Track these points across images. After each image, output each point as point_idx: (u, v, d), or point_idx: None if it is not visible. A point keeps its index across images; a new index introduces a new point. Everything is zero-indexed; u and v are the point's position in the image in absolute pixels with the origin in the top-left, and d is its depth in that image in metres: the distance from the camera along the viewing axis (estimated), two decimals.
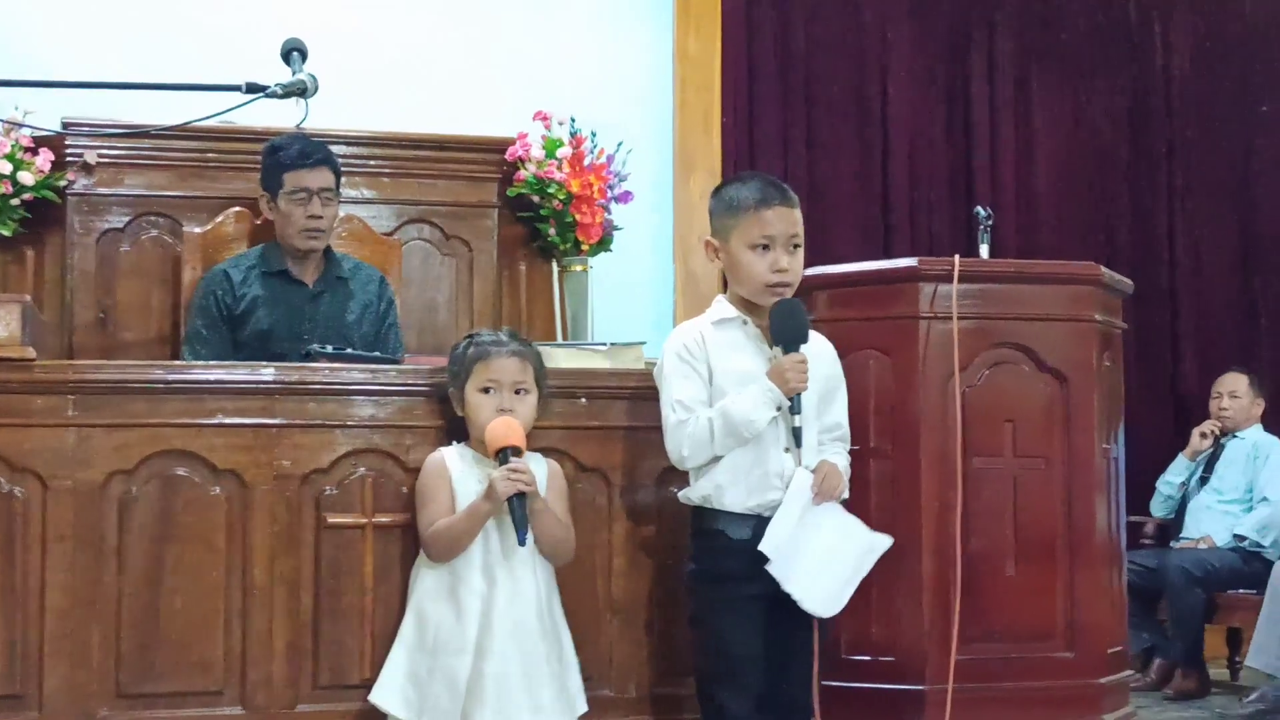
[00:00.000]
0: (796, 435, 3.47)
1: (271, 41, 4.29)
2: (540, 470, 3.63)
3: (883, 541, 3.62)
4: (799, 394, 3.46)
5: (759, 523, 3.47)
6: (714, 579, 3.55)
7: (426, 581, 3.57)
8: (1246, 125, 7.94)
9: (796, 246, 3.57)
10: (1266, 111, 7.94)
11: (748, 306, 3.61)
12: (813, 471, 3.52)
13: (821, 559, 3.48)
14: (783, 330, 3.52)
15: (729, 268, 3.62)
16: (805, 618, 3.48)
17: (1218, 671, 6.81)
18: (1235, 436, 7.08)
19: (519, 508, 3.44)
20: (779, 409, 3.47)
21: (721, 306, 3.64)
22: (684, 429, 3.51)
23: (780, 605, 3.49)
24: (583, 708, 3.62)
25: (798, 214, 3.58)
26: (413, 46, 6.53)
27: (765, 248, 3.54)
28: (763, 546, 3.43)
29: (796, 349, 3.49)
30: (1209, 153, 7.87)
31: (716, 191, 3.68)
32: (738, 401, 3.46)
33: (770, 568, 3.43)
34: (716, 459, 3.52)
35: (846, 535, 3.56)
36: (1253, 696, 6.02)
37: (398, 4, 6.58)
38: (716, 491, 3.52)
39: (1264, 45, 7.96)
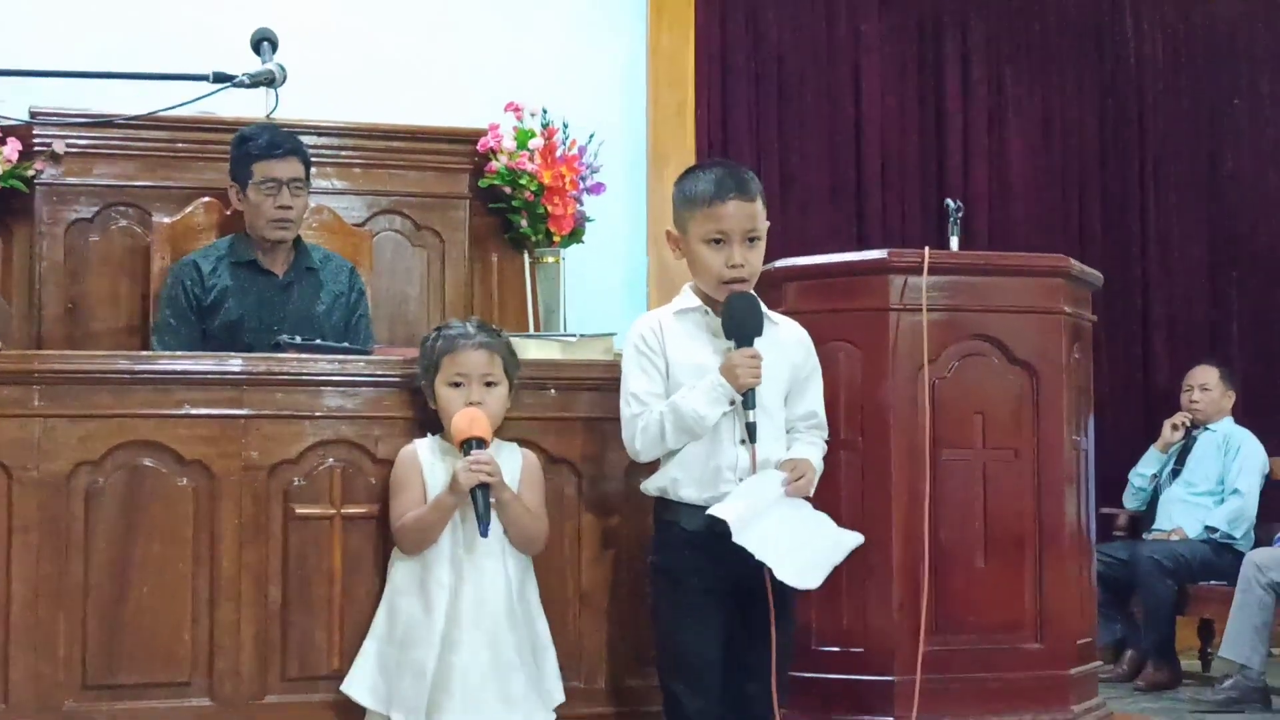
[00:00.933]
0: (750, 431, 3.42)
1: (242, 32, 4.29)
2: (515, 460, 3.63)
3: (852, 538, 3.57)
4: (752, 389, 3.42)
5: (713, 517, 3.40)
6: (669, 571, 3.54)
7: (399, 574, 3.57)
8: (1218, 119, 7.96)
9: (754, 240, 3.51)
10: (1239, 105, 7.96)
11: (710, 297, 3.56)
12: (780, 468, 3.48)
13: (790, 534, 3.41)
14: (734, 325, 3.46)
15: (688, 260, 3.57)
16: (764, 612, 3.42)
17: (1189, 663, 6.85)
18: (1206, 429, 7.11)
19: (482, 499, 3.43)
20: (731, 404, 3.44)
21: (685, 296, 3.60)
22: (637, 423, 3.49)
23: (738, 599, 3.47)
24: (559, 698, 3.62)
25: (756, 206, 3.51)
26: (385, 37, 6.51)
27: (720, 242, 3.49)
28: (717, 510, 3.36)
29: (749, 343, 3.45)
30: (1181, 146, 7.90)
31: (679, 180, 3.62)
32: (688, 397, 3.43)
33: (736, 537, 3.35)
34: (672, 451, 3.50)
35: (818, 523, 3.54)
36: (1225, 684, 6.05)
37: None
38: (672, 484, 3.50)
39: (1236, 39, 7.99)
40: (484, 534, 3.43)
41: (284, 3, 5.99)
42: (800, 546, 3.44)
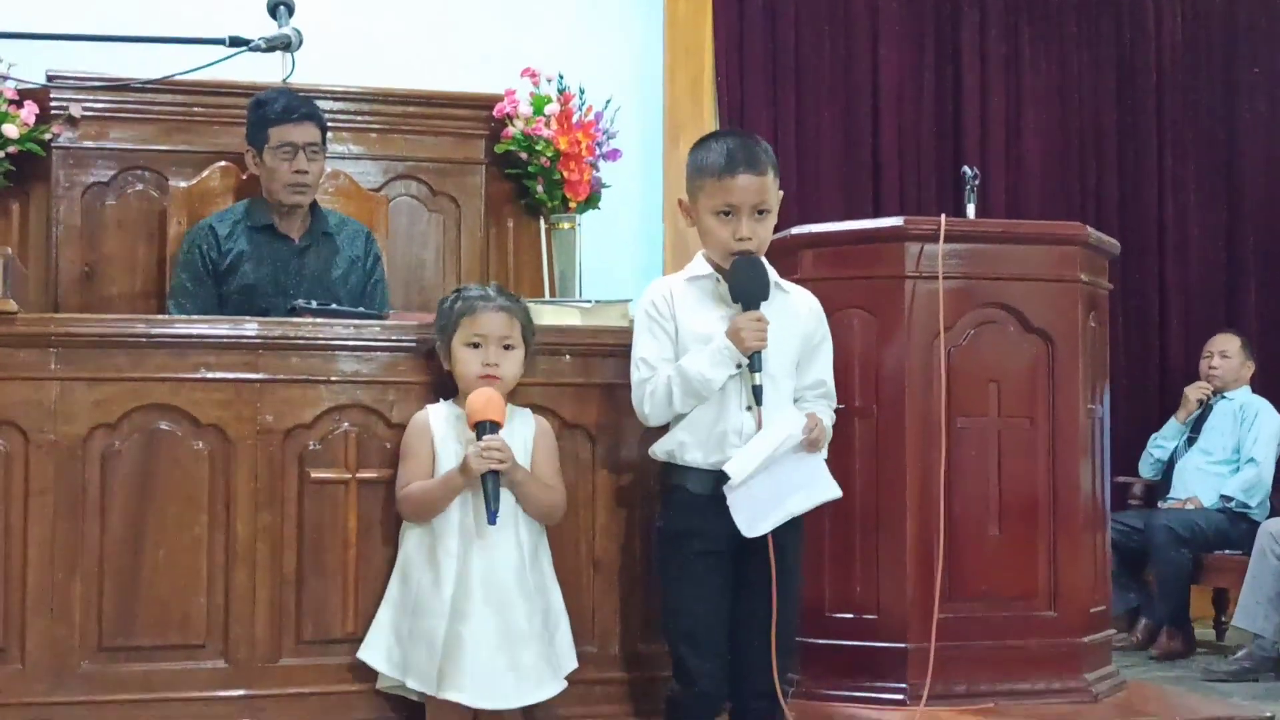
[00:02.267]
0: (757, 393, 3.43)
1: None
2: (529, 427, 3.63)
3: (822, 493, 3.54)
4: (759, 352, 3.42)
5: (719, 478, 3.44)
6: (674, 534, 3.56)
7: (410, 541, 3.58)
8: (1235, 88, 7.92)
9: (763, 213, 3.51)
10: (1257, 74, 7.92)
11: (720, 265, 3.56)
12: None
13: (774, 487, 3.43)
14: (740, 288, 3.47)
15: (698, 229, 3.58)
16: (766, 577, 3.43)
17: (1203, 632, 6.85)
18: (1223, 397, 7.10)
19: (491, 484, 3.43)
20: (739, 367, 3.45)
21: (697, 263, 3.61)
22: (645, 387, 3.51)
23: (743, 562, 3.49)
24: (572, 665, 3.63)
25: (767, 180, 3.50)
26: (402, 2, 6.50)
27: (729, 214, 3.50)
28: (728, 467, 3.40)
29: (756, 307, 3.46)
30: (1198, 115, 7.86)
31: (692, 149, 3.62)
32: (695, 360, 3.45)
33: (728, 492, 3.40)
34: (680, 415, 3.51)
35: (805, 477, 3.51)
36: (1239, 655, 6.05)
37: None
38: (679, 448, 3.52)
39: (1253, 8, 7.94)
40: (492, 522, 3.42)
41: None
42: (773, 500, 3.44)
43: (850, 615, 4.15)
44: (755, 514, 3.43)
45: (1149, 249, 7.70)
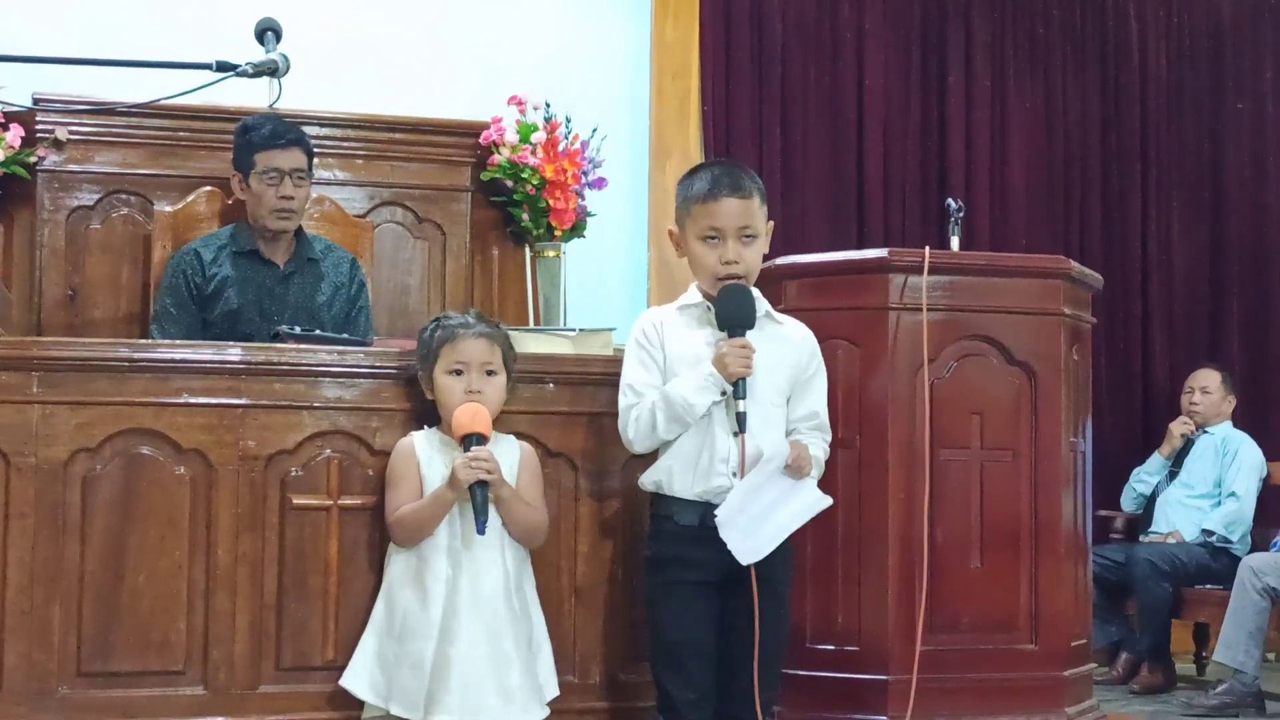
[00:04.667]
0: (740, 421, 3.43)
1: (246, 21, 4.30)
2: (513, 453, 3.63)
3: (811, 506, 3.52)
4: (743, 379, 3.43)
5: (707, 509, 3.45)
6: (661, 564, 3.56)
7: (396, 566, 3.57)
8: (1220, 122, 7.95)
9: (750, 237, 3.54)
10: (1241, 109, 7.95)
11: (711, 294, 3.59)
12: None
13: (763, 515, 3.43)
14: (726, 315, 3.50)
15: (688, 258, 3.61)
16: (750, 608, 3.43)
17: (1184, 666, 6.86)
18: (1205, 432, 7.12)
19: (480, 496, 3.44)
20: (723, 394, 3.46)
21: (691, 292, 3.64)
22: (631, 413, 3.53)
23: (730, 593, 3.48)
24: (554, 691, 3.62)
25: (752, 204, 3.54)
26: (389, 28, 6.52)
27: (715, 239, 3.53)
28: (718, 513, 3.41)
29: (741, 334, 3.48)
30: (1182, 148, 7.89)
31: (680, 180, 3.66)
32: (679, 385, 3.47)
33: (721, 530, 3.40)
34: (667, 444, 3.52)
35: (793, 500, 3.50)
36: (1219, 689, 6.05)
37: None
38: (667, 477, 3.53)
39: (1238, 42, 7.98)
40: (481, 532, 3.43)
41: None
42: (765, 521, 3.43)
43: (832, 646, 4.14)
44: (750, 540, 3.42)
45: (1133, 280, 7.72)
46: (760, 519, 3.44)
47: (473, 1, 6.69)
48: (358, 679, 3.55)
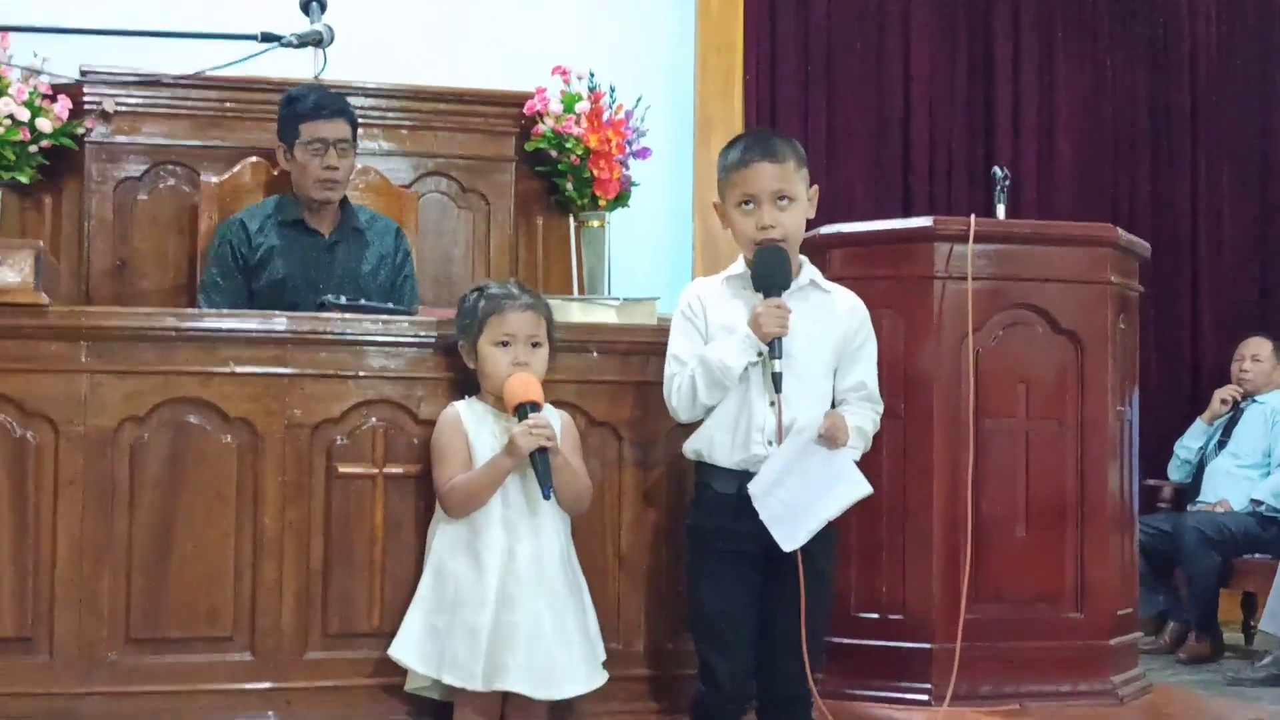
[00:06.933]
0: (776, 381, 3.41)
1: None
2: (554, 423, 3.62)
3: (853, 492, 3.49)
4: (779, 340, 3.41)
5: (744, 478, 3.45)
6: (702, 533, 3.56)
7: (444, 537, 3.57)
8: (1269, 89, 7.89)
9: (786, 201, 3.51)
10: None
11: None
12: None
13: (802, 493, 3.41)
14: (761, 276, 3.49)
15: (731, 229, 3.60)
16: (794, 579, 3.42)
17: (1232, 636, 6.81)
18: (1254, 401, 7.08)
19: (542, 462, 3.44)
20: (759, 355, 3.45)
21: (737, 263, 3.63)
22: (674, 381, 3.54)
23: (771, 564, 3.47)
24: (602, 656, 3.62)
25: (787, 168, 3.51)
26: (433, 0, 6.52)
27: (750, 205, 3.52)
28: (752, 485, 3.41)
29: (777, 294, 3.46)
30: (1231, 118, 7.83)
31: (720, 152, 3.65)
32: (716, 348, 3.47)
33: (756, 504, 3.40)
34: (710, 411, 3.51)
35: (832, 478, 3.47)
36: (1265, 660, 6.02)
37: None
38: (708, 445, 3.53)
39: None
40: (546, 496, 3.44)
41: None
42: (805, 507, 3.42)
43: (876, 615, 4.15)
44: (790, 526, 3.41)
45: (1181, 250, 7.67)
46: (800, 506, 3.41)
47: None
48: (406, 650, 3.55)
